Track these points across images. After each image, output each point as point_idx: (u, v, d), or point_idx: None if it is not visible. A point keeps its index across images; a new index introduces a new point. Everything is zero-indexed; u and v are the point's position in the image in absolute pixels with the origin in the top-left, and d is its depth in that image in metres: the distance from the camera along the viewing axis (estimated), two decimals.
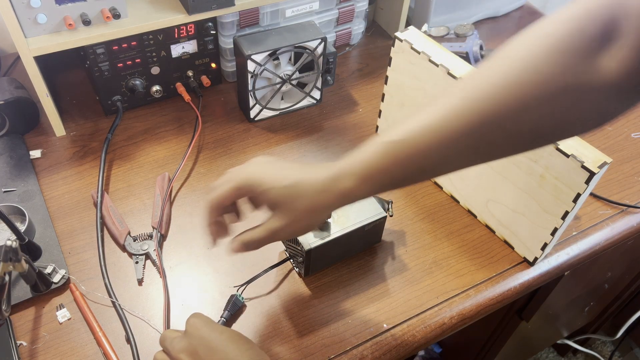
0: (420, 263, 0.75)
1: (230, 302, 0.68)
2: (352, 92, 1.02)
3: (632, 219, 0.83)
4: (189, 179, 0.84)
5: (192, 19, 0.86)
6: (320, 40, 0.88)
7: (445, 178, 0.83)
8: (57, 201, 0.79)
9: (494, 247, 0.78)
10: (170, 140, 0.90)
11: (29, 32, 0.77)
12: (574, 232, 0.81)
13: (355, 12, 1.06)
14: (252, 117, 0.94)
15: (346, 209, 0.71)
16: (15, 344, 0.63)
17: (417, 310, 0.70)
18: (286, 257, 0.73)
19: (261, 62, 0.86)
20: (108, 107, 0.92)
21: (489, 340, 1.16)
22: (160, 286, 0.71)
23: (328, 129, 0.94)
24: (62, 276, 0.69)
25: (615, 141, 0.96)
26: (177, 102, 0.97)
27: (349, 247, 0.73)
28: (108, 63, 0.86)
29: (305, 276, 0.73)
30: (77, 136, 0.89)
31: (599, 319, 1.49)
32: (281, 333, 0.67)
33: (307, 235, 0.68)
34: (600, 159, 0.63)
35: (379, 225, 0.73)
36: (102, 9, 0.80)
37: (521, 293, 0.75)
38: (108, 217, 0.76)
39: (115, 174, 0.84)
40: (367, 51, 1.12)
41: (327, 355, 0.65)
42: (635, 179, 0.89)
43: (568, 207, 0.67)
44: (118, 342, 0.65)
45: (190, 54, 0.93)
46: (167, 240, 0.76)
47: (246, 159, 0.88)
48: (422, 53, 0.76)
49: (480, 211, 0.80)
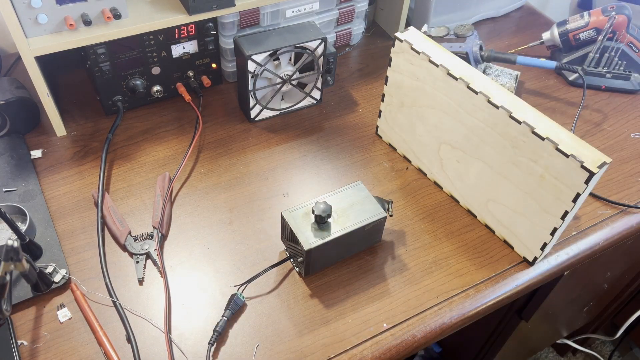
0: (420, 263, 0.76)
1: (231, 302, 0.68)
2: (352, 92, 1.02)
3: (631, 219, 0.83)
4: (190, 179, 0.84)
5: (193, 19, 0.86)
6: (321, 40, 0.89)
7: (445, 178, 0.84)
8: (57, 201, 0.80)
9: (494, 247, 0.78)
10: (171, 140, 0.90)
11: (29, 32, 0.77)
12: (574, 232, 0.81)
13: (355, 13, 1.06)
14: (253, 117, 0.94)
15: (346, 209, 0.71)
16: (16, 343, 0.63)
17: (417, 309, 0.70)
18: (286, 257, 0.73)
19: (261, 63, 0.86)
20: (109, 107, 0.92)
21: (489, 340, 1.16)
22: (160, 286, 0.71)
23: (328, 129, 0.94)
24: (63, 276, 0.69)
25: (615, 141, 0.96)
26: (178, 102, 0.97)
27: (349, 246, 0.73)
28: (109, 63, 0.86)
29: (305, 276, 0.73)
30: (77, 136, 0.90)
31: (599, 318, 1.49)
32: (281, 332, 0.67)
33: (308, 235, 0.68)
34: (599, 159, 0.63)
35: (379, 225, 0.73)
36: (103, 9, 0.80)
37: (521, 293, 0.75)
38: (109, 216, 0.76)
39: (115, 174, 0.84)
40: (367, 51, 1.13)
41: (327, 354, 0.65)
42: (634, 179, 0.89)
43: (568, 207, 0.67)
44: (118, 342, 0.65)
45: (191, 54, 0.93)
46: (168, 240, 0.76)
47: (246, 158, 0.88)
48: (422, 53, 0.76)
49: (480, 211, 0.81)
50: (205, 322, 0.68)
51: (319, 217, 0.68)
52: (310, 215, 0.70)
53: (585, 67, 1.06)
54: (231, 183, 0.84)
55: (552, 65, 1.01)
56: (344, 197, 0.73)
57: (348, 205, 0.72)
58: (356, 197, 0.73)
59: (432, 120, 0.80)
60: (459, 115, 0.75)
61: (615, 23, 1.02)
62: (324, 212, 0.68)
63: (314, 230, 0.69)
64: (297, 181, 0.85)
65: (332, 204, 0.71)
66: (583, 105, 1.01)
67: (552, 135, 0.65)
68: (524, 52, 1.14)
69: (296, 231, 0.68)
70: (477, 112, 0.72)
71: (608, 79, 1.05)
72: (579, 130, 0.98)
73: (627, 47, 1.04)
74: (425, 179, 0.87)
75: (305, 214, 0.70)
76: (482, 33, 1.20)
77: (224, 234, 0.77)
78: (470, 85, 0.71)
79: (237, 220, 0.79)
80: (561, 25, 1.08)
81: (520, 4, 1.28)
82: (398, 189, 0.85)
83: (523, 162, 0.70)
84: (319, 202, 0.69)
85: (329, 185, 0.85)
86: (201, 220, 0.79)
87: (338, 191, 0.74)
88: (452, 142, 0.79)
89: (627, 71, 1.04)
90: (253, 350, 0.65)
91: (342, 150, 0.90)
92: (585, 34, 1.05)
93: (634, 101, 1.05)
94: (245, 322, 0.68)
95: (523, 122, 0.67)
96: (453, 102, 0.75)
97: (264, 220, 0.79)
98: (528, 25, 1.24)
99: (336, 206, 0.72)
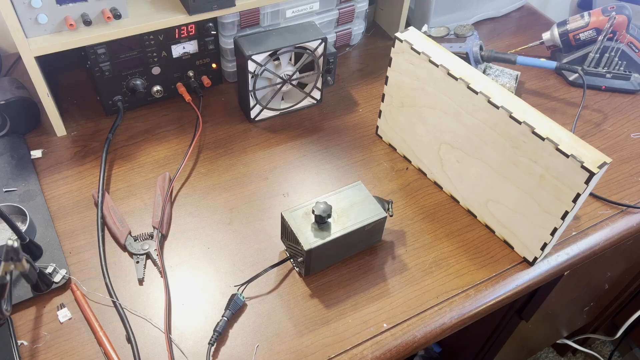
0: (420, 263, 0.76)
1: (231, 302, 0.68)
2: (352, 92, 1.02)
3: (631, 219, 0.83)
4: (190, 179, 0.84)
5: (193, 19, 0.86)
6: (321, 40, 0.89)
7: (445, 178, 0.84)
8: (57, 201, 0.80)
9: (494, 247, 0.78)
10: (171, 140, 0.90)
11: (30, 32, 0.77)
12: (574, 232, 0.81)
13: (355, 13, 1.06)
14: (253, 117, 0.94)
15: (347, 209, 0.71)
16: (16, 343, 0.63)
17: (417, 310, 0.70)
18: (286, 257, 0.74)
19: (262, 63, 0.86)
20: (109, 107, 0.92)
21: (489, 340, 1.16)
22: (160, 286, 0.71)
23: (328, 129, 0.94)
24: (63, 276, 0.69)
25: (615, 141, 0.96)
26: (178, 102, 0.97)
27: (349, 247, 0.73)
28: (109, 63, 0.86)
29: (305, 276, 0.73)
30: (78, 136, 0.90)
31: (599, 318, 1.49)
32: (281, 332, 0.67)
33: (308, 235, 0.68)
34: (599, 159, 0.63)
35: (379, 225, 0.73)
36: (103, 9, 0.80)
37: (521, 293, 0.75)
38: (109, 216, 0.76)
39: (116, 174, 0.84)
40: (367, 51, 1.13)
41: (327, 354, 0.66)
42: (634, 179, 0.89)
43: (568, 207, 0.67)
44: (119, 342, 0.65)
45: (191, 54, 0.93)
46: (168, 240, 0.76)
47: (246, 158, 0.88)
48: (422, 53, 0.76)
49: (480, 211, 0.81)
50: (205, 322, 0.68)
51: (319, 217, 0.68)
52: (310, 215, 0.70)
53: (585, 67, 1.06)
54: (231, 183, 0.84)
55: (552, 65, 1.01)
56: (344, 197, 0.73)
57: (348, 205, 0.72)
58: (356, 197, 0.73)
59: (432, 120, 0.80)
60: (459, 115, 0.75)
61: (615, 23, 1.02)
62: (324, 212, 0.68)
63: (314, 230, 0.69)
64: (297, 181, 0.85)
65: (332, 204, 0.71)
66: (583, 105, 1.01)
67: (552, 136, 0.65)
68: (524, 52, 1.14)
69: (296, 231, 0.68)
70: (477, 112, 0.72)
71: (608, 79, 1.05)
72: (579, 130, 0.98)
73: (627, 47, 1.04)
74: (425, 179, 0.87)
75: (305, 214, 0.70)
76: (482, 33, 1.20)
77: (224, 234, 0.77)
78: (470, 85, 0.71)
79: (237, 220, 0.79)
80: (561, 26, 1.08)
81: (520, 4, 1.28)
82: (398, 189, 0.85)
83: (523, 162, 0.70)
84: (319, 202, 0.69)
85: (329, 185, 0.85)
86: (201, 220, 0.79)
87: (338, 191, 0.74)
88: (452, 142, 0.79)
89: (627, 71, 1.04)
90: (253, 350, 0.65)
91: (342, 151, 0.90)
92: (585, 34, 1.05)
93: (634, 101, 1.05)
94: (245, 322, 0.68)
95: (523, 122, 0.67)
96: (453, 102, 0.75)
97: (264, 220, 0.79)
98: (528, 25, 1.24)
99: (336, 206, 0.72)
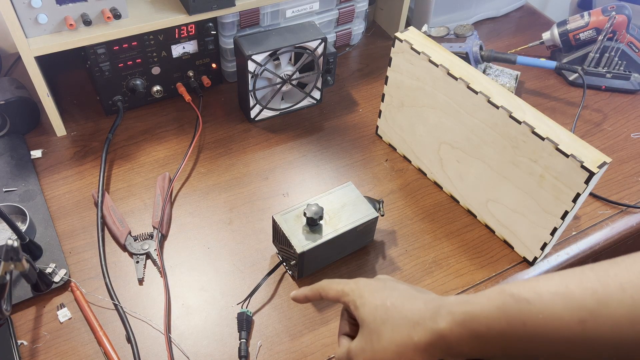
0: (420, 263, 0.76)
1: (242, 322, 0.66)
2: (352, 92, 1.02)
3: (631, 219, 0.83)
4: (190, 179, 0.84)
5: (193, 19, 0.86)
6: (321, 40, 0.89)
7: (445, 178, 0.84)
8: (57, 201, 0.80)
9: (494, 247, 0.78)
10: (171, 140, 0.90)
11: (29, 32, 0.77)
12: (574, 232, 0.81)
13: (355, 13, 1.06)
14: (253, 117, 0.94)
15: (338, 211, 0.71)
16: (16, 343, 0.63)
17: None
18: (279, 262, 0.73)
19: (261, 63, 0.86)
20: (109, 107, 0.92)
21: None
22: (160, 286, 0.71)
23: (328, 129, 0.94)
24: (63, 276, 0.69)
25: (615, 141, 0.96)
26: (178, 102, 0.97)
27: (342, 248, 0.73)
28: (109, 63, 0.86)
29: (298, 278, 0.72)
30: (77, 136, 0.90)
31: None
32: (281, 333, 0.67)
33: (300, 237, 0.68)
34: (599, 158, 0.63)
35: (371, 225, 0.73)
36: (103, 9, 0.80)
37: None
38: (109, 216, 0.76)
39: (115, 174, 0.84)
40: (367, 51, 1.13)
41: (327, 354, 0.65)
42: (634, 179, 0.89)
43: (567, 207, 0.67)
44: (118, 342, 0.65)
45: (191, 54, 0.93)
46: (168, 240, 0.76)
47: (246, 158, 0.88)
48: (422, 53, 0.76)
49: (480, 211, 0.80)
50: (205, 322, 0.68)
51: (310, 220, 0.68)
52: (301, 217, 0.69)
53: (585, 67, 1.05)
54: (231, 183, 0.84)
55: (552, 65, 1.01)
56: (335, 198, 0.72)
57: (339, 207, 0.72)
58: (347, 198, 0.73)
59: (432, 120, 0.80)
60: (459, 115, 0.75)
61: (615, 23, 1.02)
62: (316, 214, 0.67)
63: (306, 232, 0.68)
64: (297, 181, 0.85)
65: (323, 205, 0.70)
66: (583, 105, 1.01)
67: (552, 135, 0.65)
68: (524, 52, 1.14)
69: (288, 234, 0.68)
70: (477, 112, 0.72)
71: (608, 79, 1.05)
72: (579, 130, 0.98)
73: (627, 47, 1.04)
74: (425, 179, 0.87)
75: (296, 216, 0.70)
76: (482, 33, 1.20)
77: (224, 234, 0.77)
78: (470, 85, 0.71)
79: (237, 220, 0.79)
80: (561, 25, 1.08)
81: (520, 4, 1.28)
82: (398, 189, 0.85)
83: (523, 162, 0.70)
84: (310, 204, 0.68)
85: (329, 185, 0.85)
86: (201, 220, 0.79)
87: (329, 192, 0.73)
88: (452, 142, 0.79)
89: (627, 71, 1.04)
90: (255, 349, 0.65)
91: (342, 150, 0.90)
92: (585, 34, 1.05)
93: (634, 101, 1.04)
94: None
95: (523, 122, 0.67)
96: (453, 102, 0.75)
97: (264, 220, 0.79)
98: (528, 25, 1.24)
99: (327, 208, 0.71)
